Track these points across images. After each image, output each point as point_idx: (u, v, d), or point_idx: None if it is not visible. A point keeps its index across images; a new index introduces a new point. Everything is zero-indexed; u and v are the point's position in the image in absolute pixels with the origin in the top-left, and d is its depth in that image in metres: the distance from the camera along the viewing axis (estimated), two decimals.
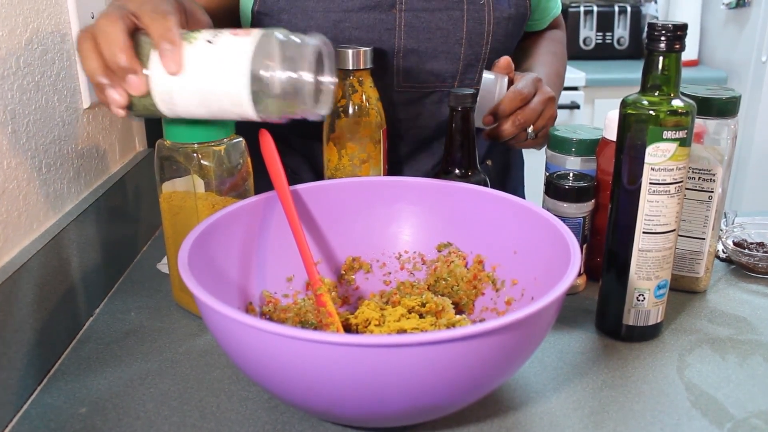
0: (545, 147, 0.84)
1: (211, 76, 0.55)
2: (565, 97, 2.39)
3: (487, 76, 0.82)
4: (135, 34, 0.56)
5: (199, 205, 0.68)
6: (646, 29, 0.61)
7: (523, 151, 1.11)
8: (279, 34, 0.55)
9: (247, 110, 0.56)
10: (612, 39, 2.68)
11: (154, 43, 0.55)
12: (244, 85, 0.54)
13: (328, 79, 0.57)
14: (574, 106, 2.39)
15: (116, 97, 0.56)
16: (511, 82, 0.83)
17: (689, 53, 2.61)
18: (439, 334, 0.43)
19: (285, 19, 0.85)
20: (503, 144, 0.86)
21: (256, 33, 0.55)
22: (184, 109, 0.58)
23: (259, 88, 0.54)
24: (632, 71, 2.44)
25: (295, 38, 0.55)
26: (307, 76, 0.54)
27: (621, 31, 2.67)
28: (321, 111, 0.57)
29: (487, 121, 0.81)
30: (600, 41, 2.67)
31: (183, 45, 0.55)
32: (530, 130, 0.83)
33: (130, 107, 0.58)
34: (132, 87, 0.56)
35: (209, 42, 0.55)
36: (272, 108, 0.55)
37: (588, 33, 2.66)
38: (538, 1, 1.00)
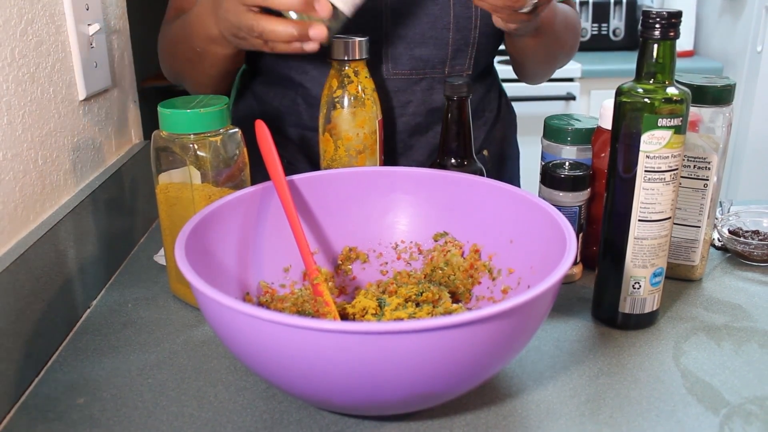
0: (541, 136, 0.83)
1: None
2: (561, 89, 2.39)
3: None
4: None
5: (195, 196, 0.68)
6: (641, 17, 0.61)
7: (519, 141, 1.11)
8: None
9: None
10: (608, 30, 2.68)
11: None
12: None
13: None
14: (569, 98, 2.39)
15: (316, 32, 0.67)
16: None
17: (685, 44, 2.62)
18: (436, 321, 0.44)
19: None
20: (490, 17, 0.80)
21: None
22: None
23: None
24: (628, 62, 2.45)
25: None
26: None
27: (617, 22, 2.67)
28: None
29: None
30: (596, 32, 2.67)
31: None
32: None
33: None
34: (321, 9, 0.66)
35: None
36: None
37: (584, 24, 2.66)
38: None
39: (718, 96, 0.72)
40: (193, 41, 0.81)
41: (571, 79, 2.40)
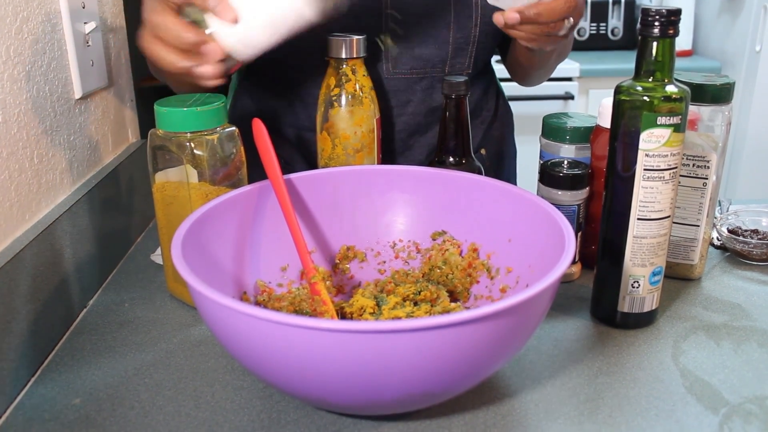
0: (539, 135, 0.83)
1: (268, 3, 0.59)
2: (559, 88, 2.39)
3: None
4: (181, 10, 0.60)
5: (192, 195, 0.68)
6: (640, 15, 0.61)
7: (517, 140, 1.11)
8: None
9: (309, 15, 0.60)
10: (606, 29, 2.68)
11: (202, 8, 0.59)
12: None
13: None
14: (568, 97, 2.39)
15: (207, 70, 0.60)
16: None
17: (683, 43, 2.62)
18: (434, 320, 0.43)
19: None
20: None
21: None
22: (260, 46, 0.61)
23: None
24: (626, 62, 2.44)
25: None
26: None
27: (615, 21, 2.67)
28: None
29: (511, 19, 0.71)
30: (594, 32, 2.67)
31: None
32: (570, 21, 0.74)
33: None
34: (210, 56, 0.59)
35: None
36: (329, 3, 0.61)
37: (582, 23, 2.66)
38: None
39: (718, 94, 0.71)
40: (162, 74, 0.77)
41: (569, 79, 2.40)
